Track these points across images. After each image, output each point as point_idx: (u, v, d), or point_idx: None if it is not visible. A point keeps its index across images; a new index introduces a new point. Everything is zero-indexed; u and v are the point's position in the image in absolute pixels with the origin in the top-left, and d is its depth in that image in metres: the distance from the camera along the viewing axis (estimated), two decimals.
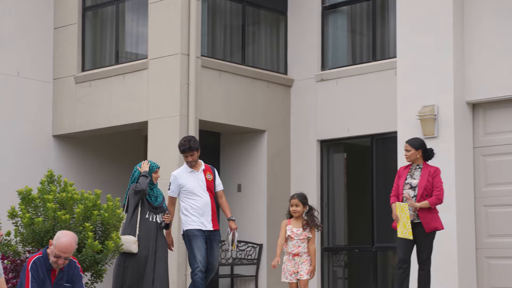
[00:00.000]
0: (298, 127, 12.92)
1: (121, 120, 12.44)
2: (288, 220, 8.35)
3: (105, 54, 13.20)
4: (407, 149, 8.42)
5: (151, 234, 8.64)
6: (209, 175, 8.93)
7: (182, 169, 9.02)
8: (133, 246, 8.52)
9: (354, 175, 12.87)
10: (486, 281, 10.18)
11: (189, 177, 8.89)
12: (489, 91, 10.19)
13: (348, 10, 13.04)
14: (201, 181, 8.86)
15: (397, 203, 8.23)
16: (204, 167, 8.97)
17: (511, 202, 10.05)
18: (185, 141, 8.89)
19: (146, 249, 8.58)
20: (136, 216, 8.64)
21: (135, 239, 8.55)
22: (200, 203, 8.82)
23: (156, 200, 8.77)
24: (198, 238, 8.74)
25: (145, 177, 8.70)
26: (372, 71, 12.24)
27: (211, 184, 8.92)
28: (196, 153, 8.86)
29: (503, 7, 10.17)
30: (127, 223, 8.69)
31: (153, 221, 8.70)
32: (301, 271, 8.12)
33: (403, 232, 8.17)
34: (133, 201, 8.69)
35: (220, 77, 12.34)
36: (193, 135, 9.13)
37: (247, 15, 13.06)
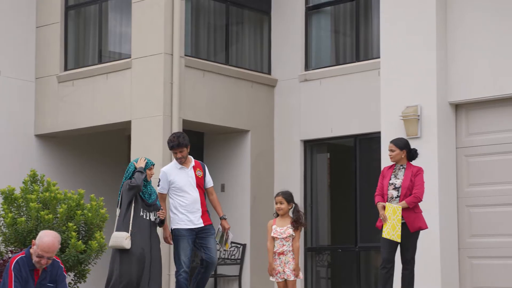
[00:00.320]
0: (281, 127, 12.93)
1: (104, 119, 12.38)
2: (274, 220, 8.33)
3: (88, 54, 13.14)
4: (391, 149, 8.43)
5: (144, 232, 8.44)
6: (199, 172, 8.77)
7: (172, 166, 8.83)
8: (125, 242, 8.30)
9: (338, 175, 12.89)
10: (469, 280, 10.23)
11: (179, 173, 8.72)
12: (471, 92, 10.25)
13: (331, 10, 13.07)
14: (191, 177, 8.70)
15: (388, 204, 8.21)
16: (194, 164, 8.80)
17: (493, 202, 10.11)
18: (174, 137, 8.71)
19: (140, 247, 8.37)
20: (130, 213, 8.43)
21: (127, 235, 8.32)
22: (189, 200, 8.67)
23: (150, 198, 8.59)
24: (185, 238, 8.62)
25: (140, 173, 8.49)
26: (356, 71, 12.27)
27: (201, 181, 8.77)
28: (185, 149, 8.67)
29: (485, 7, 10.23)
30: (121, 220, 8.47)
31: (147, 219, 8.51)
32: (287, 271, 8.09)
33: (390, 234, 8.14)
34: (127, 197, 8.47)
35: (204, 77, 12.32)
36: (182, 131, 8.92)
37: (230, 15, 13.06)
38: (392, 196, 8.30)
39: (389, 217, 8.16)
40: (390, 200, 8.30)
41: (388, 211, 8.19)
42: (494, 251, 10.05)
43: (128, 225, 8.36)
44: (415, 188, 8.25)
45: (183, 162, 8.72)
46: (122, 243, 8.27)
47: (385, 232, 8.20)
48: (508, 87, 9.97)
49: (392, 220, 8.14)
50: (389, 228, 8.16)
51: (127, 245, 8.29)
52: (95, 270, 9.85)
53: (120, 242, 8.27)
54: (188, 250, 8.65)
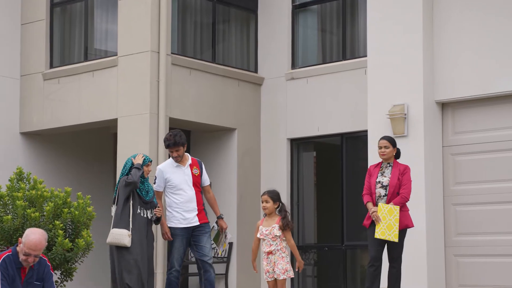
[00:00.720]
0: (268, 126, 12.93)
1: (90, 117, 12.33)
2: (261, 220, 8.30)
3: (74, 51, 13.08)
4: (386, 146, 8.41)
5: (142, 230, 8.36)
6: (195, 170, 8.71)
7: (168, 163, 8.77)
8: (126, 239, 8.20)
9: (324, 173, 12.91)
10: (455, 278, 10.28)
11: (175, 171, 8.66)
12: (458, 91, 10.29)
13: (318, 9, 13.09)
14: (187, 176, 8.65)
15: (382, 204, 8.19)
16: (191, 162, 8.75)
17: (479, 201, 10.16)
18: (171, 136, 8.65)
19: (139, 245, 8.32)
20: (128, 209, 8.33)
21: (129, 232, 8.23)
22: (184, 198, 8.62)
23: (147, 195, 8.50)
24: (179, 238, 8.57)
25: (137, 169, 8.40)
26: (342, 70, 12.28)
27: (198, 179, 8.71)
28: (182, 148, 8.61)
29: (472, 6, 10.27)
30: (117, 216, 8.36)
31: (144, 217, 8.43)
32: (277, 271, 8.05)
33: (385, 234, 8.13)
34: (124, 194, 8.38)
35: (191, 75, 12.30)
36: (179, 130, 8.85)
37: (217, 13, 13.04)
38: (380, 195, 8.32)
39: (384, 217, 8.14)
40: (378, 198, 8.31)
41: (382, 211, 8.17)
42: (480, 249, 10.10)
43: (128, 222, 8.27)
44: (402, 188, 8.26)
45: (180, 160, 8.66)
46: (123, 240, 8.18)
47: (378, 233, 8.17)
48: (494, 86, 10.02)
49: (388, 220, 8.12)
50: (384, 228, 8.13)
51: (129, 242, 8.21)
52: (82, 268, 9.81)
53: (121, 239, 8.17)
54: (182, 250, 8.61)
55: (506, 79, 9.92)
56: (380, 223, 8.17)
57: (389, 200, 8.29)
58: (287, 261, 8.08)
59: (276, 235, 8.06)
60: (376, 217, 8.19)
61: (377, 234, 8.19)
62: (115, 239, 8.22)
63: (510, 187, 9.94)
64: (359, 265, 12.30)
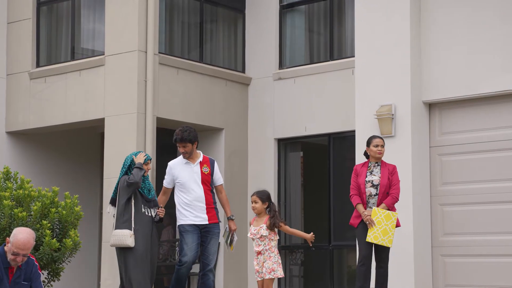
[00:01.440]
0: (255, 126, 12.93)
1: (77, 117, 12.28)
2: (253, 219, 8.31)
3: (61, 50, 13.02)
4: (383, 145, 8.42)
5: (147, 229, 8.18)
6: (205, 168, 8.51)
7: (178, 160, 8.56)
8: (129, 240, 8.02)
9: (312, 173, 12.93)
10: (441, 278, 10.32)
11: (184, 169, 8.48)
12: (445, 91, 10.34)
13: (305, 9, 13.11)
14: (196, 173, 8.46)
15: (377, 209, 8.15)
16: (202, 159, 8.55)
17: (466, 201, 10.21)
18: (179, 131, 8.45)
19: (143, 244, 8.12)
20: (130, 210, 8.15)
21: (131, 233, 8.05)
22: (192, 197, 8.44)
23: (150, 193, 8.33)
24: (189, 233, 8.36)
25: (139, 169, 8.20)
26: (330, 70, 12.31)
27: (207, 178, 8.50)
28: (190, 145, 8.42)
29: (458, 6, 10.31)
30: (119, 217, 8.17)
31: (149, 215, 8.25)
32: (264, 270, 8.06)
33: (378, 238, 8.10)
34: (125, 194, 8.16)
35: (178, 75, 12.28)
36: (190, 126, 8.61)
37: (205, 12, 13.03)
38: (370, 194, 8.32)
39: (379, 222, 8.12)
40: (368, 197, 8.31)
41: (377, 215, 8.15)
42: (467, 249, 10.15)
43: (130, 222, 8.10)
44: (392, 189, 8.28)
45: (188, 157, 8.49)
46: (126, 242, 8.02)
47: (370, 237, 8.14)
48: (481, 87, 10.07)
49: (384, 225, 8.11)
50: (378, 233, 8.11)
51: (132, 243, 8.04)
52: (69, 268, 9.78)
53: (123, 241, 8.01)
54: (194, 245, 8.37)
55: (493, 80, 9.98)
56: (374, 227, 8.14)
57: (380, 200, 8.28)
58: (275, 261, 8.05)
59: (263, 235, 8.07)
60: (370, 221, 8.16)
61: (369, 238, 8.15)
62: (118, 241, 8.07)
63: (496, 187, 10.00)
64: (346, 265, 12.32)
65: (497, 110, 10.07)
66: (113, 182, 11.62)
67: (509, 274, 9.80)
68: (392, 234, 8.14)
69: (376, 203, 8.31)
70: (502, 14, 9.97)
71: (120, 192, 8.22)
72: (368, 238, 8.15)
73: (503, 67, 9.90)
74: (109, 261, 11.52)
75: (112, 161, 11.72)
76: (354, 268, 11.18)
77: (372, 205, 8.31)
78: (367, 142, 8.53)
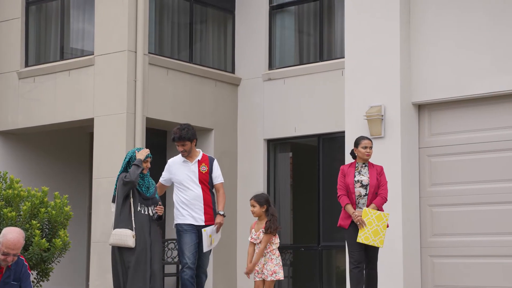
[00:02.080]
0: (245, 126, 12.93)
1: (66, 117, 12.24)
2: (254, 223, 8.24)
3: (50, 50, 12.98)
4: (371, 147, 8.39)
5: (144, 228, 7.99)
6: (203, 167, 8.31)
7: (177, 158, 8.40)
8: (131, 240, 7.86)
9: (301, 174, 12.94)
10: (430, 279, 10.35)
11: (181, 167, 8.32)
12: (434, 93, 10.37)
13: (295, 10, 13.12)
14: (193, 172, 8.28)
15: (368, 209, 8.10)
16: (201, 158, 8.36)
17: (455, 202, 10.24)
18: (178, 129, 8.26)
19: (140, 244, 7.94)
20: (129, 208, 7.98)
21: (133, 233, 7.88)
22: (190, 196, 8.26)
23: (148, 191, 8.13)
24: (187, 233, 8.20)
25: (137, 166, 8.01)
26: (319, 71, 12.33)
27: (205, 177, 8.31)
28: (188, 143, 8.23)
29: (448, 8, 10.35)
30: (117, 216, 8.00)
31: (145, 214, 8.07)
32: (265, 272, 8.03)
33: (369, 239, 8.06)
34: (122, 192, 8.01)
35: (168, 75, 12.26)
36: (188, 124, 8.43)
37: (195, 13, 13.02)
38: (360, 194, 8.28)
39: (370, 222, 8.08)
40: (358, 198, 8.28)
41: (368, 216, 8.11)
42: (456, 250, 10.18)
43: (130, 221, 7.94)
44: (381, 189, 8.28)
45: (186, 155, 8.30)
46: (127, 242, 7.86)
47: (361, 237, 8.10)
48: (470, 88, 10.11)
49: (375, 226, 8.07)
50: (369, 233, 8.07)
51: (133, 243, 7.88)
52: (58, 268, 9.75)
53: (125, 241, 7.84)
54: (192, 245, 8.20)
55: (482, 81, 10.02)
56: (364, 228, 8.11)
57: (370, 200, 8.26)
58: (277, 263, 8.01)
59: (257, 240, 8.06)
60: (361, 221, 8.12)
61: (359, 239, 8.12)
62: (119, 240, 7.88)
63: (485, 188, 10.04)
64: (335, 266, 12.34)
65: (486, 112, 10.11)
66: (102, 182, 11.63)
67: (497, 275, 9.84)
68: (384, 235, 8.13)
69: (366, 203, 8.28)
70: (492, 15, 10.02)
71: (118, 190, 8.06)
72: (359, 238, 8.13)
73: (492, 68, 9.95)
74: (98, 261, 11.50)
75: (101, 161, 11.70)
76: (343, 268, 11.20)
77: (362, 206, 8.29)
78: (355, 143, 8.49)
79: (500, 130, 10.00)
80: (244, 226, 12.64)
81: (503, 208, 9.88)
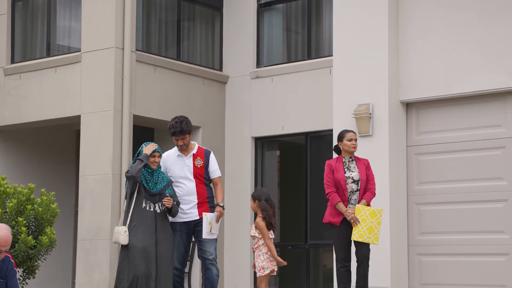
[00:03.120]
0: (233, 124, 12.90)
1: (53, 114, 12.17)
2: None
3: (36, 46, 12.90)
4: (356, 139, 8.24)
5: (148, 225, 7.71)
6: (198, 161, 7.95)
7: (172, 151, 8.08)
8: (120, 237, 7.62)
9: (288, 172, 12.93)
10: (417, 277, 10.36)
11: (176, 162, 7.98)
12: (422, 91, 10.38)
13: (283, 8, 13.10)
14: (187, 167, 7.93)
15: (361, 206, 7.96)
16: (196, 151, 8.02)
17: (442, 200, 10.25)
18: (177, 122, 7.90)
19: (142, 241, 7.68)
20: (130, 205, 7.74)
21: (124, 229, 7.64)
22: (183, 191, 7.93)
23: (155, 187, 7.81)
24: (177, 233, 7.91)
25: (140, 161, 7.75)
26: (307, 69, 12.32)
27: (200, 171, 7.94)
28: (188, 136, 7.91)
29: (436, 6, 10.36)
30: (124, 213, 7.79)
31: (151, 210, 7.76)
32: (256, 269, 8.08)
33: (363, 236, 7.89)
34: (129, 188, 7.77)
35: (155, 72, 12.21)
36: (183, 116, 8.08)
37: (182, 10, 12.97)
38: (352, 190, 8.10)
39: (364, 219, 7.93)
40: (350, 194, 8.12)
41: (361, 213, 7.95)
42: (443, 248, 10.20)
43: (127, 217, 7.73)
44: (370, 184, 8.16)
45: (185, 149, 7.96)
46: (118, 239, 7.65)
47: (356, 235, 7.94)
48: (458, 87, 10.13)
49: (369, 223, 7.92)
50: (363, 231, 7.91)
51: (123, 240, 7.64)
52: (44, 266, 9.68)
53: (116, 238, 7.64)
54: (181, 246, 7.94)
55: (470, 80, 10.03)
56: (359, 225, 7.94)
57: (361, 195, 8.11)
58: (264, 259, 7.99)
59: (251, 235, 8.04)
60: (355, 219, 7.97)
61: (354, 237, 7.96)
62: (115, 238, 7.69)
63: (472, 187, 10.06)
64: (322, 264, 12.34)
65: (473, 110, 10.13)
66: (88, 179, 11.58)
67: (484, 273, 9.87)
68: (378, 232, 7.98)
69: (358, 199, 8.12)
70: (480, 14, 10.04)
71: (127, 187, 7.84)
72: (353, 236, 7.96)
73: (480, 67, 9.97)
74: (84, 259, 11.44)
75: (88, 158, 11.63)
76: (330, 267, 11.20)
77: (354, 202, 8.09)
78: (339, 137, 8.31)
79: (488, 129, 10.03)
80: (231, 224, 12.62)
81: (490, 207, 9.91)
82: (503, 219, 9.80)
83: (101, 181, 11.35)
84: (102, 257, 11.22)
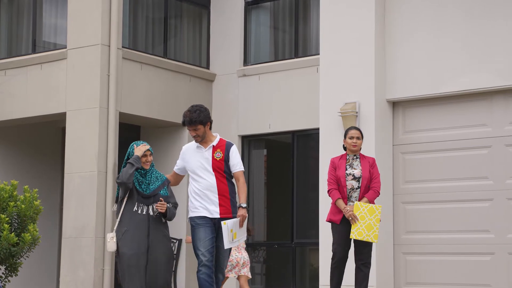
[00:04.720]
0: (219, 122, 12.83)
1: (38, 111, 12.10)
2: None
3: (22, 43, 12.82)
4: (358, 137, 8.08)
5: (140, 230, 7.41)
6: (218, 154, 7.37)
7: (191, 144, 7.53)
8: (108, 244, 7.40)
9: (275, 171, 12.90)
10: (403, 276, 10.35)
11: (194, 154, 7.41)
12: (408, 90, 10.36)
13: (270, 6, 13.07)
14: (206, 159, 7.35)
15: (360, 203, 7.78)
16: (216, 143, 7.42)
17: (428, 199, 10.24)
18: (188, 111, 7.35)
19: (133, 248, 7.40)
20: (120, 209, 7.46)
21: (111, 235, 7.37)
22: (202, 185, 7.33)
23: (148, 188, 7.54)
24: (201, 227, 7.27)
25: (130, 165, 7.43)
26: (294, 67, 12.29)
27: (219, 164, 7.34)
28: (201, 127, 7.29)
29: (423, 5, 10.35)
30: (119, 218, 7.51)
31: (143, 214, 7.46)
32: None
33: (362, 234, 7.71)
34: (120, 193, 7.48)
35: (142, 70, 12.16)
36: (201, 105, 7.49)
37: (169, 7, 12.92)
38: (352, 187, 7.94)
39: (362, 217, 7.74)
40: (350, 191, 7.95)
41: (360, 210, 7.77)
42: (429, 247, 10.19)
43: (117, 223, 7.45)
44: (374, 182, 7.95)
45: (199, 141, 7.36)
46: (106, 246, 7.41)
47: (355, 233, 7.75)
48: (444, 86, 10.12)
49: (367, 220, 7.73)
50: (361, 229, 7.72)
51: (110, 247, 7.39)
52: (27, 263, 9.62)
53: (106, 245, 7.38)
54: (207, 241, 7.27)
55: (456, 79, 10.03)
56: (358, 223, 7.77)
57: (362, 193, 7.94)
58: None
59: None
60: (353, 217, 7.78)
61: (353, 235, 7.77)
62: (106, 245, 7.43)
63: (458, 186, 10.05)
64: (308, 263, 12.31)
65: (460, 109, 10.13)
66: (74, 177, 11.51)
67: (469, 272, 9.87)
68: (377, 229, 7.76)
69: (358, 197, 7.93)
70: (466, 13, 10.03)
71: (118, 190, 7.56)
72: (352, 234, 7.77)
73: (465, 66, 9.96)
74: (69, 257, 11.37)
75: (73, 156, 11.57)
76: (316, 266, 11.17)
77: (354, 199, 7.92)
78: (344, 134, 8.21)
79: (474, 128, 10.02)
80: None
81: (476, 206, 9.90)
82: (489, 218, 9.79)
83: (87, 178, 11.29)
84: (87, 255, 11.16)
